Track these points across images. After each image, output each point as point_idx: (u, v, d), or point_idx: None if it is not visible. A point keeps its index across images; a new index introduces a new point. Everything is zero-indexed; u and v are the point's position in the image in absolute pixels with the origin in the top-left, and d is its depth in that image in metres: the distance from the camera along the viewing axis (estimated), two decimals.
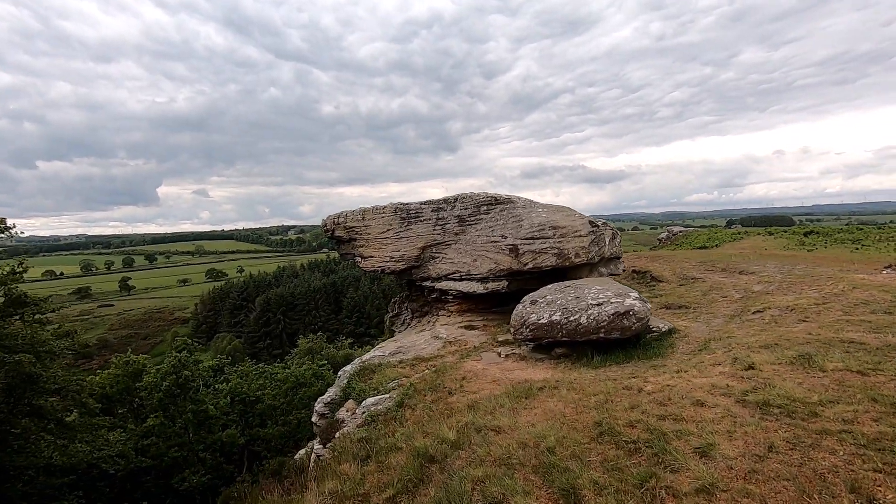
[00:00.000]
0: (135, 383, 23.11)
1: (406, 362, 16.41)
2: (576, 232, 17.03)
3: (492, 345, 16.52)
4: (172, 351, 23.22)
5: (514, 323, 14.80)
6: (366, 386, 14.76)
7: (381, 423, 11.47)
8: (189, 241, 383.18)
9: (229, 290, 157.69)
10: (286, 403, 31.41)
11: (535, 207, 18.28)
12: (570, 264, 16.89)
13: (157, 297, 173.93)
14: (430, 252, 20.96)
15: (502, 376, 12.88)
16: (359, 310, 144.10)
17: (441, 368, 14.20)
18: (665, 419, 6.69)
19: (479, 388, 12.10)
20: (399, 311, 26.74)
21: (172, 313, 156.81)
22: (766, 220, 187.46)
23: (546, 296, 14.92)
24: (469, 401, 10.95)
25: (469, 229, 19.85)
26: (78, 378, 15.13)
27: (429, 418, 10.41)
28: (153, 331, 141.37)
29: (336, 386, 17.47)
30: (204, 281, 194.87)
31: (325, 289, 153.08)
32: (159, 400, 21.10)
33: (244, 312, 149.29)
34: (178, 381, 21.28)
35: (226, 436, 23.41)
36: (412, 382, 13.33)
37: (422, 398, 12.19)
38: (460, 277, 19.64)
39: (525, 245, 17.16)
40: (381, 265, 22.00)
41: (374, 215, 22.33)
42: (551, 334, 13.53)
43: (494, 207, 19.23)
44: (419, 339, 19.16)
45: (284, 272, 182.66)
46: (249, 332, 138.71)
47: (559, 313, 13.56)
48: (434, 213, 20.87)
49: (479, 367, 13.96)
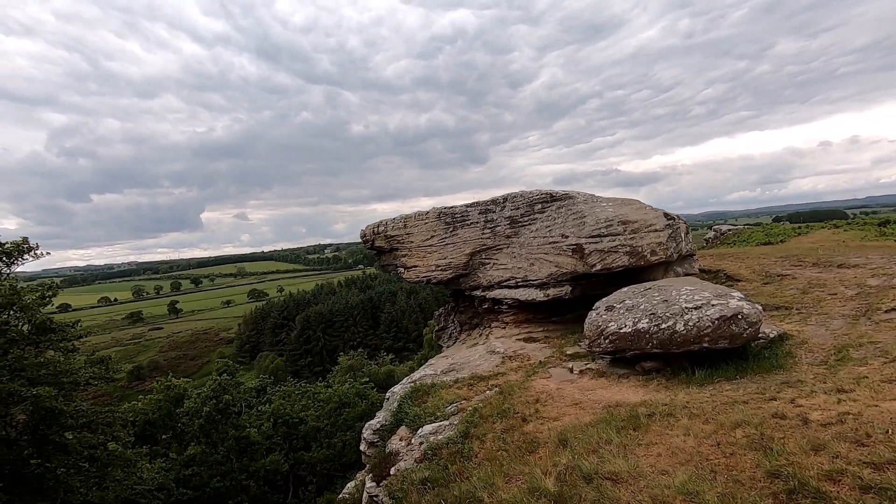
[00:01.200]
0: (176, 408, 22.18)
1: (462, 382, 14.56)
2: (650, 226, 14.86)
3: (560, 359, 14.45)
4: (214, 374, 22.26)
5: (589, 333, 12.73)
6: (420, 410, 12.96)
7: (444, 459, 9.63)
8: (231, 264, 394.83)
9: (270, 309, 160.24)
10: (330, 425, 30.05)
11: (599, 202, 16.23)
12: (645, 263, 14.72)
13: (203, 319, 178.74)
14: (479, 258, 19.14)
15: (584, 398, 10.85)
16: (396, 325, 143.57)
17: (506, 389, 12.25)
18: (883, 468, 4.58)
19: (559, 413, 10.12)
20: (445, 324, 24.95)
21: (218, 334, 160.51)
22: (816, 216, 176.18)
23: (624, 300, 12.80)
24: (553, 431, 8.98)
25: (522, 231, 17.94)
26: (109, 409, 14.10)
27: (507, 455, 8.50)
28: (200, 351, 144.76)
29: (385, 410, 15.76)
30: (246, 301, 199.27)
31: (362, 305, 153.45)
32: (200, 426, 20.00)
33: (285, 331, 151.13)
34: (219, 405, 20.14)
35: (269, 462, 22.10)
36: (475, 407, 11.44)
37: (490, 426, 10.30)
38: (516, 284, 17.70)
39: (591, 244, 15.10)
40: (426, 275, 20.32)
41: (417, 222, 20.74)
42: (638, 345, 11.40)
43: (550, 205, 17.28)
44: (473, 355, 17.29)
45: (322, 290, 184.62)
46: (291, 350, 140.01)
47: (646, 320, 11.43)
48: (482, 216, 19.08)
49: (552, 387, 11.95)
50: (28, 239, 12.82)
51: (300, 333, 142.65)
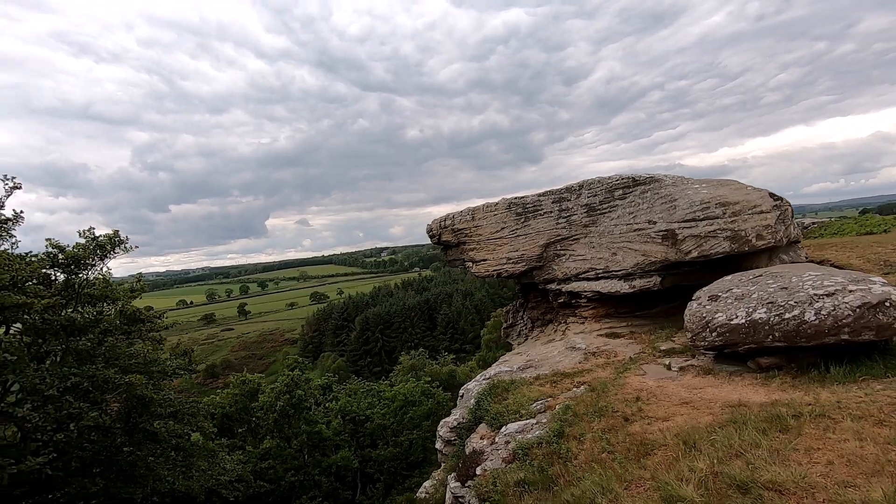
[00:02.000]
0: (251, 402, 22.62)
1: (544, 378, 13.62)
2: (754, 207, 13.27)
3: (653, 355, 13.17)
4: (285, 369, 22.57)
5: (692, 326, 11.42)
6: (501, 408, 12.16)
7: (539, 459, 8.77)
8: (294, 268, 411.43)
9: (331, 311, 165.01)
10: (396, 423, 29.81)
11: (690, 183, 14.78)
12: (749, 249, 13.14)
13: (269, 321, 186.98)
14: (553, 250, 18.08)
15: (693, 396, 9.62)
16: (453, 326, 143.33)
17: (598, 386, 11.20)
18: None
19: (667, 412, 8.98)
20: (514, 321, 23.98)
21: (283, 335, 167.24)
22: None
23: (731, 289, 11.38)
24: (667, 432, 7.90)
25: (601, 219, 16.73)
26: (193, 401, 14.39)
27: (615, 457, 7.53)
28: (267, 351, 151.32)
29: (461, 407, 15.10)
30: (309, 304, 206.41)
31: (419, 306, 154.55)
32: (274, 420, 20.21)
33: (345, 332, 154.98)
34: (292, 400, 20.27)
35: (340, 458, 22.03)
36: (567, 405, 10.49)
37: (588, 426, 9.33)
38: (596, 276, 16.50)
39: (685, 229, 13.70)
40: (497, 269, 19.49)
41: (486, 214, 19.97)
42: (754, 338, 10.01)
43: (633, 190, 15.98)
44: (551, 351, 16.27)
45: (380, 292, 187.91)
46: (351, 351, 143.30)
47: (763, 309, 10.02)
48: (556, 205, 18.03)
49: (651, 385, 10.77)
50: (119, 231, 13.31)
51: (360, 334, 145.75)
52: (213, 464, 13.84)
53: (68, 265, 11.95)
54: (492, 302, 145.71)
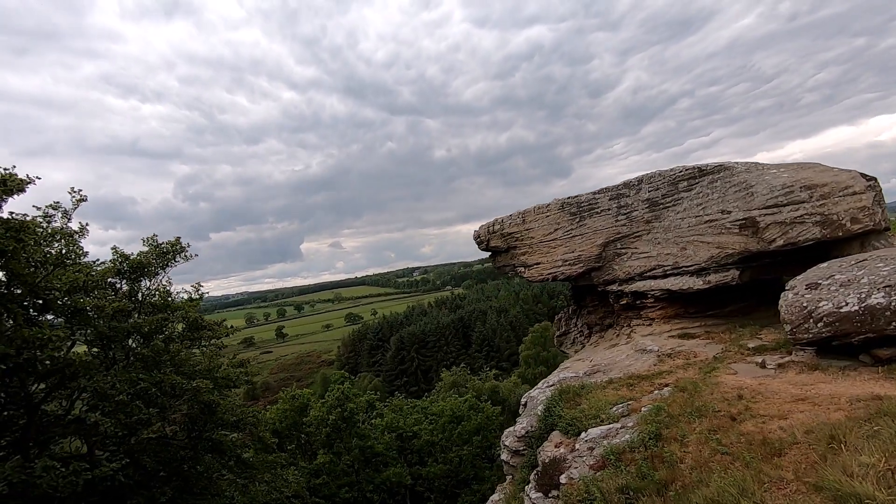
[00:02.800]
0: (301, 418, 22.26)
1: (618, 382, 12.65)
2: (845, 189, 12.15)
3: (740, 353, 12.05)
4: (334, 384, 22.15)
5: (791, 317, 10.33)
6: (577, 413, 11.28)
7: (637, 464, 7.90)
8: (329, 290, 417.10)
9: (366, 331, 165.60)
10: (445, 439, 28.93)
11: (766, 169, 13.75)
12: (843, 234, 12.00)
13: (306, 343, 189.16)
14: (613, 248, 17.18)
15: (806, 393, 8.57)
16: (488, 343, 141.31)
17: (689, 387, 10.22)
18: None
19: (781, 410, 7.98)
20: (566, 328, 22.95)
21: (320, 356, 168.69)
22: None
23: (833, 275, 10.28)
24: (790, 430, 6.95)
25: (665, 213, 15.79)
26: (254, 410, 14.07)
27: (741, 457, 6.62)
28: (305, 373, 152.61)
29: (527, 415, 14.21)
30: (344, 325, 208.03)
31: (453, 324, 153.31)
32: (327, 435, 19.72)
33: (381, 352, 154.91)
34: (344, 413, 19.78)
35: (393, 474, 21.30)
36: (659, 406, 9.56)
37: (688, 427, 8.41)
38: (664, 273, 15.51)
39: (767, 216, 12.66)
40: (552, 272, 18.67)
41: (537, 216, 19.27)
42: (871, 326, 8.90)
43: (699, 181, 15.02)
44: (618, 355, 15.27)
45: (414, 311, 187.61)
46: (387, 371, 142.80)
47: (880, 294, 8.93)
48: (613, 202, 17.19)
49: (751, 383, 9.73)
50: (180, 239, 13.32)
51: (395, 354, 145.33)
52: (276, 475, 13.40)
53: (132, 273, 11.93)
54: (526, 318, 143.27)
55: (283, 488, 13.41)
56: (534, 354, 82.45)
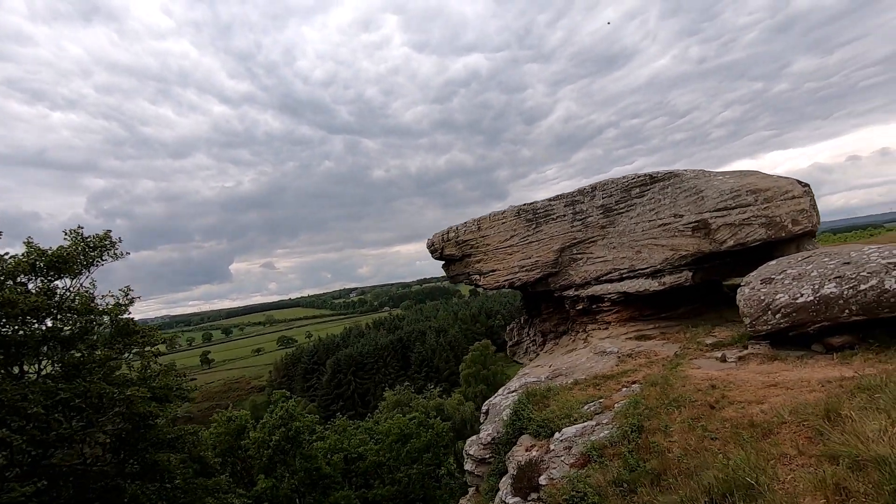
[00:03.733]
0: (238, 441, 20.37)
1: (584, 383, 12.54)
2: (786, 193, 13.00)
3: (700, 350, 12.36)
4: (280, 402, 20.51)
5: (749, 310, 10.72)
6: (548, 415, 10.98)
7: (625, 457, 7.66)
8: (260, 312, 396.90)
9: (300, 355, 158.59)
10: (392, 459, 27.72)
11: (713, 175, 14.50)
12: (786, 235, 12.78)
13: (234, 369, 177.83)
14: (569, 254, 17.38)
15: (774, 380, 8.79)
16: (427, 363, 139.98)
17: (659, 381, 10.24)
18: None
19: (756, 396, 8.10)
20: (519, 338, 22.90)
21: (249, 382, 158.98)
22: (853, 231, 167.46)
23: (785, 270, 10.82)
24: (775, 411, 7.00)
25: (619, 219, 16.21)
26: (194, 428, 12.47)
27: (733, 440, 6.54)
28: (233, 400, 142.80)
29: (493, 422, 13.73)
30: (276, 349, 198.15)
31: (391, 345, 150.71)
32: (269, 457, 18.09)
33: (316, 376, 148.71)
34: (289, 433, 18.28)
35: (341, 497, 19.89)
36: (635, 400, 9.45)
37: (668, 418, 8.33)
38: (620, 277, 15.82)
39: (717, 218, 13.26)
40: (508, 278, 18.57)
41: (493, 222, 19.22)
42: (826, 315, 9.36)
43: (651, 187, 15.60)
44: (577, 359, 15.25)
45: (351, 333, 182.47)
46: (323, 395, 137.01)
47: (832, 284, 9.44)
48: (569, 208, 17.47)
49: (718, 374, 9.90)
50: (110, 232, 11.68)
51: (331, 377, 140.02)
52: (220, 500, 11.82)
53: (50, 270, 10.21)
54: (465, 338, 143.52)
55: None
56: (474, 373, 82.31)
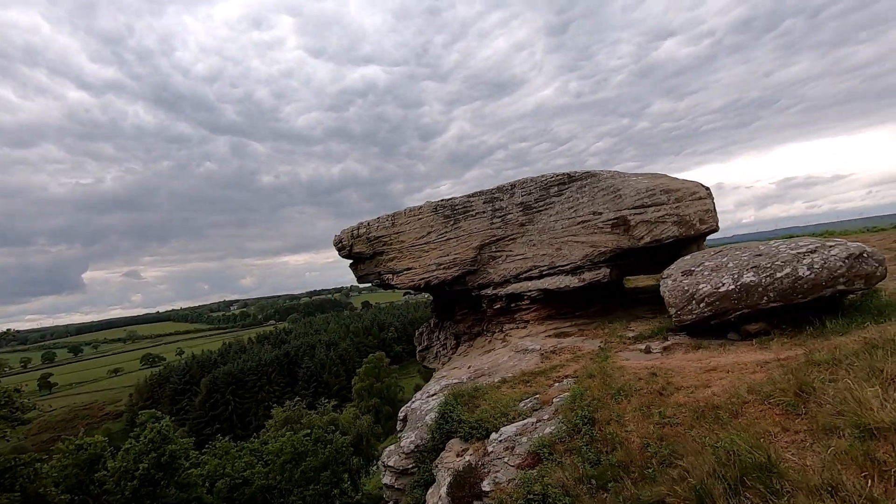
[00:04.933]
0: (90, 474, 16.62)
1: (513, 380, 11.93)
2: (693, 194, 13.79)
3: (623, 343, 12.41)
4: (148, 424, 17.01)
5: (674, 301, 10.92)
6: (480, 415, 10.13)
7: (582, 452, 7.04)
8: (120, 328, 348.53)
9: (169, 374, 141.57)
10: (284, 481, 24.97)
11: (628, 176, 15.01)
12: (694, 233, 13.49)
13: (84, 393, 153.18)
14: (488, 251, 16.94)
15: (709, 365, 8.84)
16: (316, 379, 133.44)
17: (596, 373, 9.91)
18: None
19: (701, 381, 8.03)
20: (429, 343, 22.00)
21: (103, 408, 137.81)
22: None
23: (703, 262, 11.26)
24: (730, 392, 6.85)
25: (539, 216, 16.17)
26: (31, 456, 9.48)
27: (698, 423, 6.19)
28: (79, 430, 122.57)
29: (413, 428, 12.49)
30: (139, 368, 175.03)
31: (277, 361, 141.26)
32: (133, 490, 14.87)
33: (188, 397, 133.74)
34: (161, 459, 15.25)
35: None
36: (576, 392, 8.94)
37: (618, 407, 7.92)
38: (540, 274, 15.67)
39: (636, 215, 13.64)
40: (424, 277, 17.62)
41: (409, 218, 18.20)
42: (747, 302, 9.75)
43: (569, 186, 15.78)
44: (499, 358, 14.71)
45: (231, 348, 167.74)
46: (195, 418, 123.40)
47: (750, 273, 9.89)
48: (488, 205, 17.09)
49: (653, 363, 9.83)
50: None
51: (206, 398, 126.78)
52: None
53: None
54: (357, 351, 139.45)
55: None
56: (367, 386, 79.74)
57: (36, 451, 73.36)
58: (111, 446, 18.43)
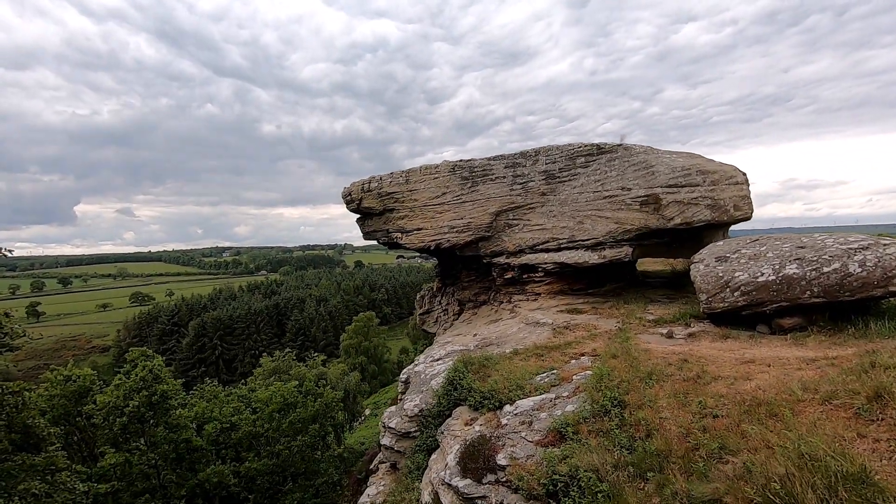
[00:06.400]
0: (78, 407, 16.28)
1: (525, 353, 11.48)
2: (731, 178, 13.07)
3: (642, 325, 11.96)
4: (140, 361, 16.61)
5: (706, 287, 10.38)
6: (493, 385, 9.68)
7: (615, 435, 6.59)
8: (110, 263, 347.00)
9: (157, 314, 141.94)
10: (272, 429, 24.94)
11: (663, 153, 14.24)
12: (727, 219, 12.85)
13: (71, 324, 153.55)
14: (505, 219, 16.26)
15: (745, 357, 8.37)
16: (304, 332, 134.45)
17: (620, 353, 9.45)
18: None
19: (738, 372, 7.54)
20: (430, 307, 21.56)
21: (90, 340, 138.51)
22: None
23: (739, 250, 10.68)
24: (778, 387, 6.37)
25: (562, 187, 15.43)
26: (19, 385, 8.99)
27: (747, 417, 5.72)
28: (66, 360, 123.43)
29: (419, 392, 12.12)
30: (128, 305, 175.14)
31: (266, 311, 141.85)
32: (122, 427, 14.56)
33: (175, 338, 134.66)
34: (152, 398, 14.89)
35: (213, 473, 16.96)
36: (602, 372, 8.46)
37: (650, 392, 7.43)
38: (558, 247, 15.06)
39: (668, 194, 12.94)
40: (435, 239, 16.97)
41: (424, 176, 17.38)
42: (787, 295, 9.22)
43: (597, 158, 14.99)
44: (507, 329, 14.26)
45: (221, 295, 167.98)
46: (181, 360, 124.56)
47: (794, 265, 9.31)
48: (509, 170, 16.30)
49: (681, 349, 9.37)
50: None
51: (194, 341, 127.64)
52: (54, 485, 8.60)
53: None
54: (346, 309, 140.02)
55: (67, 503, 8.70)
56: (355, 344, 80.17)
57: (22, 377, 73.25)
58: (100, 380, 18.07)
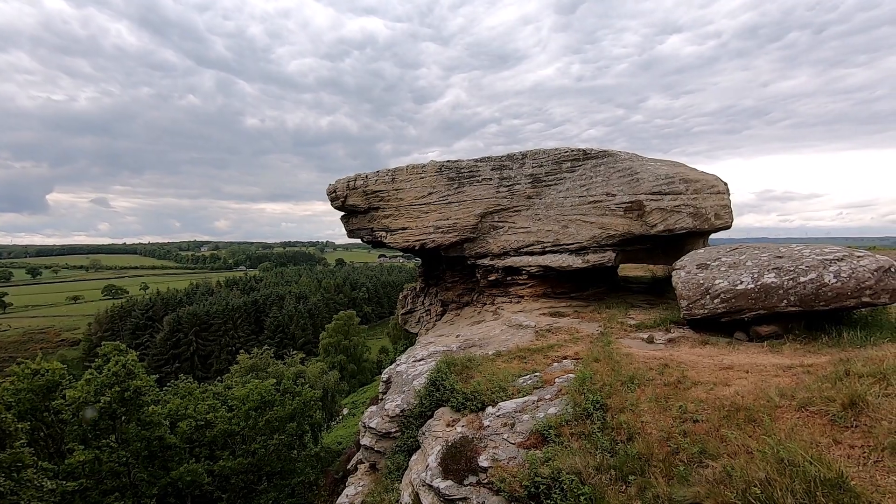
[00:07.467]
0: (46, 402, 15.76)
1: (508, 355, 11.51)
2: (712, 187, 13.34)
3: (624, 330, 12.09)
4: (112, 356, 16.11)
5: (687, 293, 10.56)
6: (476, 387, 9.67)
7: (596, 437, 6.65)
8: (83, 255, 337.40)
9: (131, 307, 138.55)
10: (248, 427, 24.57)
11: (648, 160, 14.46)
12: (708, 227, 13.11)
13: (39, 316, 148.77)
14: (490, 220, 16.30)
15: (723, 363, 8.52)
16: (283, 330, 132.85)
17: (602, 357, 9.54)
18: None
19: (718, 378, 7.69)
20: (412, 306, 21.49)
21: (59, 333, 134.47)
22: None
23: (719, 258, 10.90)
24: (756, 393, 6.50)
25: (547, 191, 15.54)
26: None
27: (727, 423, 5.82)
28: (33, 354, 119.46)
29: (400, 392, 12.03)
30: (100, 298, 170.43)
31: (245, 307, 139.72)
32: (93, 423, 14.13)
33: (149, 333, 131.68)
34: (125, 394, 14.49)
35: (186, 472, 16.59)
36: (584, 375, 8.52)
37: (631, 395, 7.52)
38: (543, 250, 15.15)
39: (652, 201, 13.13)
40: (420, 239, 16.92)
41: (410, 175, 17.32)
42: (765, 303, 9.44)
43: (583, 163, 15.14)
44: (490, 331, 14.28)
45: (198, 289, 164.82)
46: (154, 355, 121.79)
47: (771, 274, 9.54)
48: (496, 172, 16.35)
49: (662, 354, 9.50)
50: None
51: (168, 336, 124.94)
52: (20, 482, 8.26)
53: None
54: (326, 307, 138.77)
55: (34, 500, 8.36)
56: (335, 342, 79.45)
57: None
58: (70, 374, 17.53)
